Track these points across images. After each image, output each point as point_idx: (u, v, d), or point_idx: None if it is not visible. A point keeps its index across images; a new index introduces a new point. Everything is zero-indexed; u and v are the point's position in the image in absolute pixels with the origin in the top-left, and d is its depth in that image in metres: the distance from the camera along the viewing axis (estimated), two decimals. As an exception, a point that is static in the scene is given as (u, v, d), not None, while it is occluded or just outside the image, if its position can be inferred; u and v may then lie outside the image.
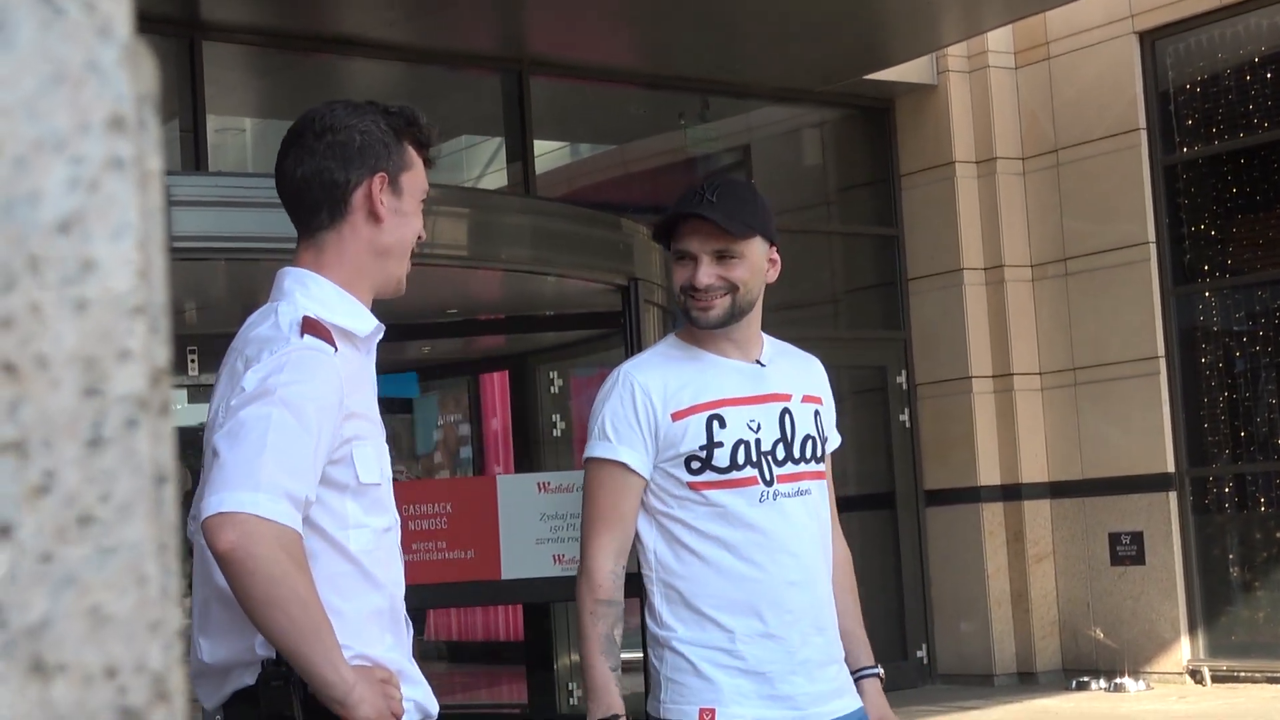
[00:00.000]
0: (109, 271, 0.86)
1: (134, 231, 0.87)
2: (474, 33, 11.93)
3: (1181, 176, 13.21)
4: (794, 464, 4.02)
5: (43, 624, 0.84)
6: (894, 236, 14.28)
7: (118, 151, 0.88)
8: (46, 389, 0.85)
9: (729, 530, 3.94)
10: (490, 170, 13.65)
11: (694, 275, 3.91)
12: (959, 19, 12.41)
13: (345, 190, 3.30)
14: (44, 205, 0.86)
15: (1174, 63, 13.22)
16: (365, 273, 3.33)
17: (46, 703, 0.84)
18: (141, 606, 0.86)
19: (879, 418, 14.29)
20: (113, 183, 0.87)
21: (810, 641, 3.99)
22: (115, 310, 0.86)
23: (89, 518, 0.86)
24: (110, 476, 0.86)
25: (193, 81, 11.11)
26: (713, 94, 13.81)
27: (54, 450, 0.85)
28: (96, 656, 0.85)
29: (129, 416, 0.87)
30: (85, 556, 0.85)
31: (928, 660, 13.89)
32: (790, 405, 4.07)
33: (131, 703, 0.86)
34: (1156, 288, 13.04)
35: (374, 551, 3.25)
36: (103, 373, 0.86)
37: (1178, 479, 12.93)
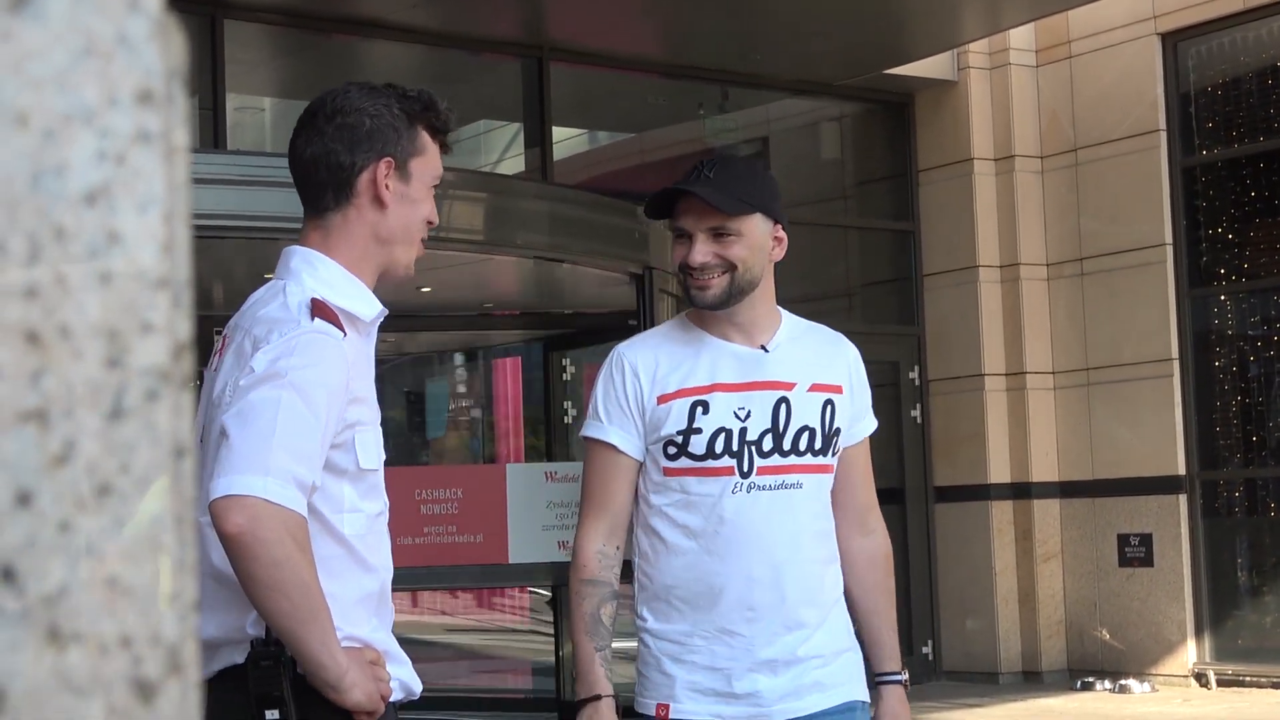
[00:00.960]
0: (134, 244, 0.87)
1: (160, 205, 0.88)
2: (495, 18, 11.92)
3: (1200, 179, 13.19)
4: (782, 456, 3.88)
5: (60, 593, 0.85)
6: (910, 232, 14.27)
7: (146, 125, 0.88)
8: (69, 359, 0.85)
9: (697, 520, 3.85)
10: (508, 155, 13.66)
11: (689, 253, 3.85)
12: (981, 16, 12.39)
13: (350, 173, 3.30)
14: (71, 177, 0.87)
15: (1195, 65, 13.20)
16: (370, 256, 3.33)
17: (61, 671, 0.84)
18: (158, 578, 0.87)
19: (890, 413, 14.27)
20: (140, 156, 0.88)
21: (777, 641, 3.86)
22: (139, 283, 0.87)
23: (108, 488, 0.86)
24: (130, 448, 0.87)
25: (213, 60, 11.12)
26: (732, 85, 13.80)
27: (75, 420, 0.86)
28: (112, 626, 0.86)
29: (150, 389, 0.87)
30: (103, 527, 0.86)
31: (933, 657, 13.89)
32: (790, 395, 3.92)
33: (145, 673, 0.86)
34: (1172, 290, 13.03)
35: (366, 536, 3.26)
36: (125, 345, 0.87)
37: (1188, 482, 12.92)
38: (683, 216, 3.87)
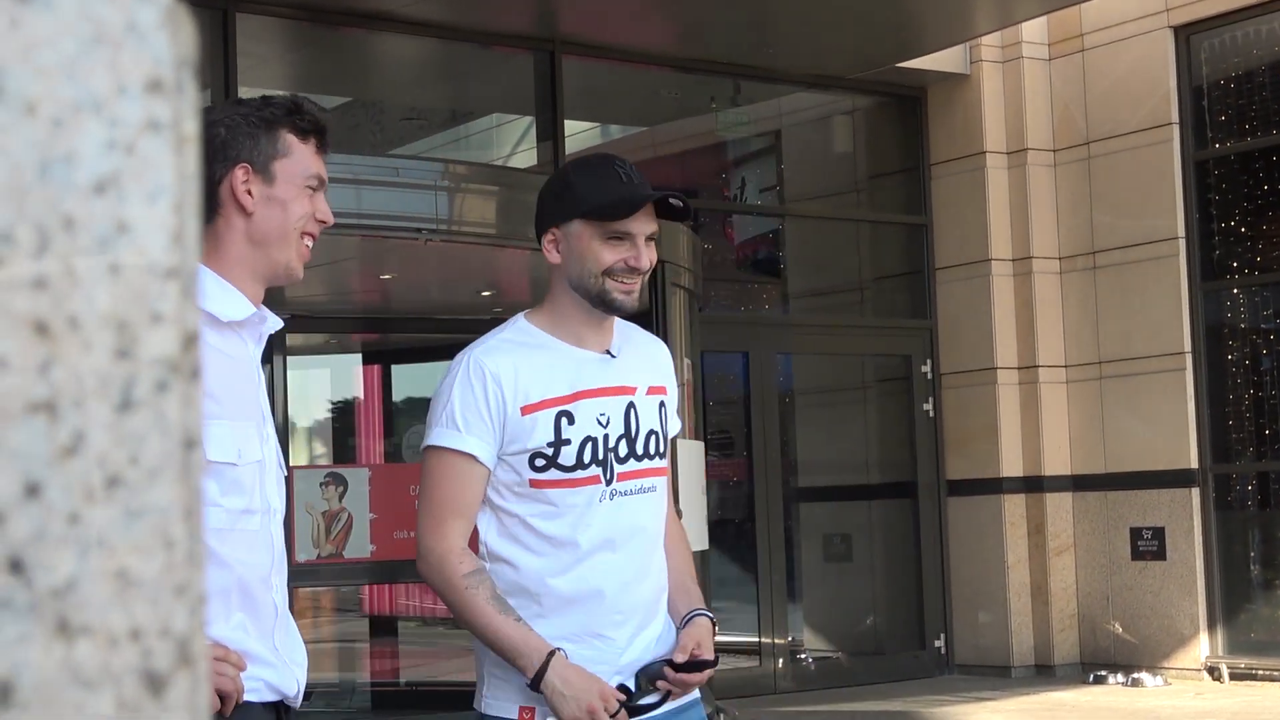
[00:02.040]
0: (143, 234, 0.86)
1: (170, 195, 0.87)
2: (507, 11, 11.92)
3: (1213, 172, 13.17)
4: (636, 460, 3.91)
5: (69, 585, 0.84)
6: (923, 225, 14.25)
7: (155, 114, 0.88)
8: (78, 350, 0.85)
9: (566, 529, 3.83)
10: (520, 149, 13.65)
11: (636, 256, 3.83)
12: (993, 9, 12.38)
13: (213, 185, 3.34)
14: (80, 167, 0.86)
15: (1208, 58, 13.17)
16: (245, 261, 3.37)
17: (71, 664, 0.84)
18: (168, 570, 0.86)
19: (903, 407, 14.28)
20: (149, 145, 0.87)
21: (635, 642, 3.90)
22: (149, 273, 0.86)
23: (117, 480, 0.86)
24: (139, 439, 0.86)
25: (225, 54, 11.12)
26: (744, 78, 13.79)
27: (84, 411, 0.85)
28: (122, 619, 0.85)
29: (160, 380, 0.87)
30: (113, 518, 0.85)
31: (945, 650, 13.89)
32: (635, 399, 3.94)
33: (156, 666, 0.86)
34: (1185, 283, 13.01)
35: (226, 531, 3.25)
36: (134, 335, 0.86)
37: (1201, 475, 12.90)
38: (635, 219, 3.84)
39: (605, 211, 3.83)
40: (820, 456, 14.61)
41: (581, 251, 3.84)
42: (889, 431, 14.48)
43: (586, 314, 3.89)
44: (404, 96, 13.90)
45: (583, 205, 3.84)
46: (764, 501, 13.41)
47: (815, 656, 14.01)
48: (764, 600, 13.27)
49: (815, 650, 14.13)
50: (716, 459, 13.99)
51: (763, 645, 13.26)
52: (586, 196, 3.84)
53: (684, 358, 11.03)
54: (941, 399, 14.09)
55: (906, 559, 14.08)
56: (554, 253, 3.88)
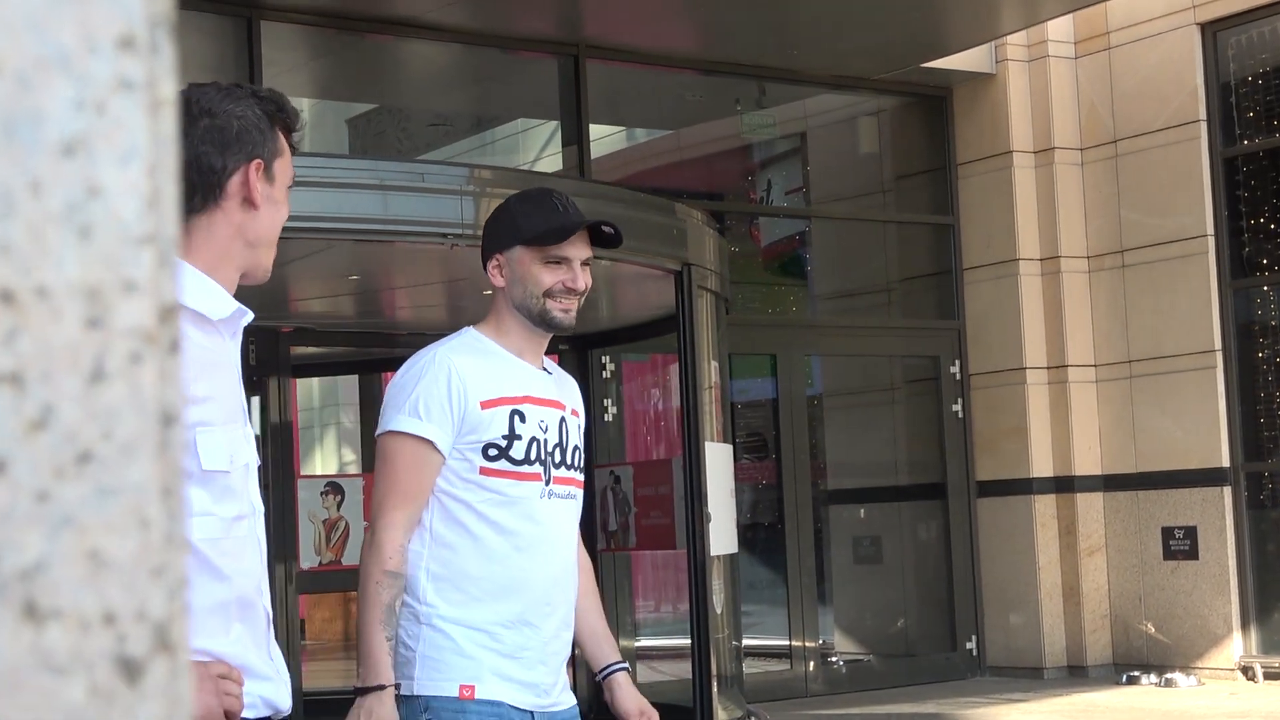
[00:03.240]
0: (115, 198, 0.82)
1: (143, 157, 0.83)
2: (530, 16, 11.89)
3: (1241, 169, 13.09)
4: (567, 469, 4.24)
5: (37, 566, 0.80)
6: (950, 226, 14.20)
7: (127, 73, 0.83)
8: (46, 319, 0.81)
9: (510, 519, 4.11)
10: (546, 154, 13.63)
11: (574, 279, 4.18)
12: (1018, 7, 12.32)
13: (221, 176, 3.23)
14: (47, 126, 0.82)
15: (1235, 54, 13.10)
16: (231, 258, 3.26)
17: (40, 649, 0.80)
18: (144, 551, 0.82)
19: (931, 408, 14.22)
20: (121, 105, 0.83)
21: (560, 636, 4.20)
22: (121, 238, 0.82)
23: (89, 455, 0.82)
24: (112, 414, 0.82)
25: (250, 61, 11.12)
26: (769, 80, 13.74)
27: (53, 383, 0.81)
28: (94, 602, 0.81)
29: (134, 351, 0.82)
30: (84, 496, 0.81)
31: (977, 652, 13.82)
32: (565, 414, 4.28)
33: (131, 652, 0.82)
34: (1214, 281, 12.93)
35: (220, 541, 3.18)
36: (106, 304, 0.82)
37: (1232, 474, 12.83)
38: (568, 246, 4.19)
39: (542, 238, 4.16)
40: (849, 458, 14.56)
41: (523, 275, 4.18)
42: (918, 433, 14.42)
43: (528, 333, 4.22)
44: (429, 102, 13.88)
45: (524, 233, 4.19)
46: (793, 504, 13.36)
47: (846, 659, 13.96)
48: (794, 603, 13.22)
49: (846, 653, 14.08)
50: (746, 462, 13.95)
51: (793, 648, 13.22)
52: (527, 225, 4.19)
53: (711, 360, 10.99)
54: (970, 399, 14.02)
55: (937, 560, 14.02)
56: (498, 276, 4.21)
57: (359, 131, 13.70)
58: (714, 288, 11.08)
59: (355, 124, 13.77)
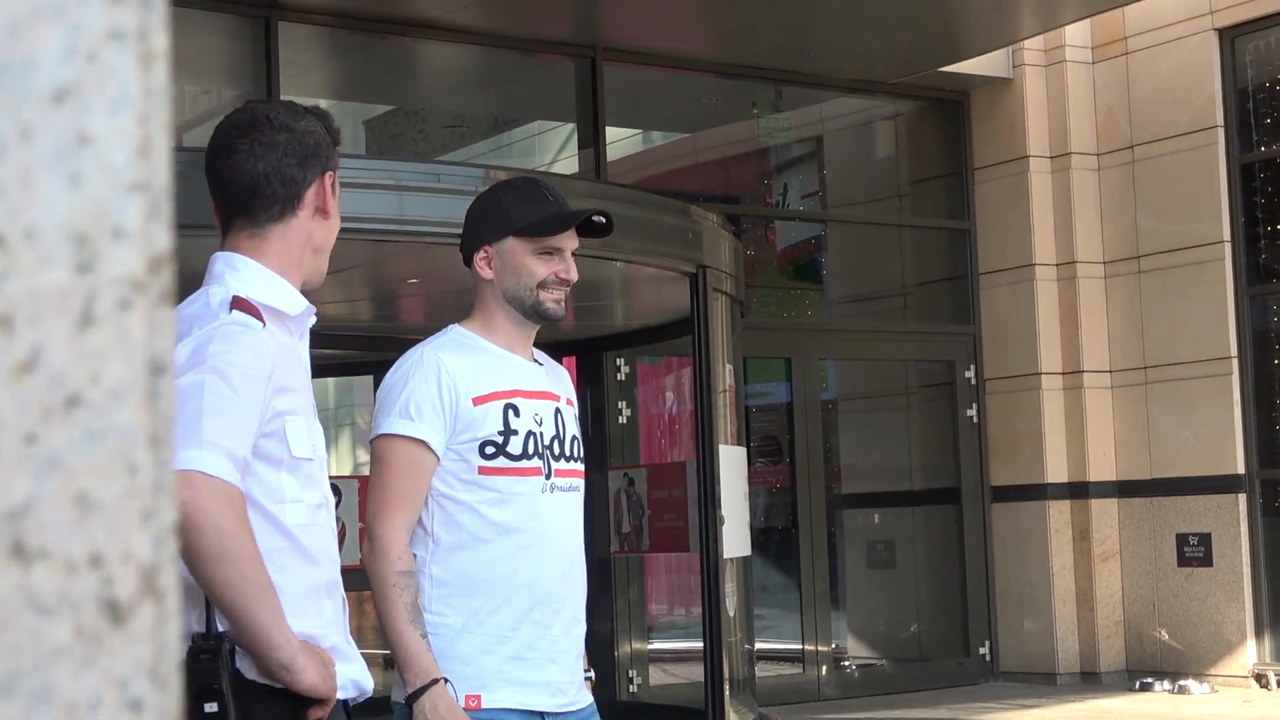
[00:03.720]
0: (105, 145, 0.83)
1: (134, 106, 0.84)
2: (547, 18, 11.90)
3: (1259, 175, 13.08)
4: (567, 461, 4.17)
5: (25, 507, 0.81)
6: (966, 230, 14.19)
7: (118, 22, 0.84)
8: (35, 263, 0.81)
9: (512, 517, 4.04)
10: (562, 156, 13.63)
11: (567, 269, 4.14)
12: (1036, 12, 12.32)
13: (301, 187, 3.38)
14: (38, 73, 0.83)
15: (1253, 60, 13.08)
16: (300, 265, 3.42)
17: (26, 589, 0.80)
18: (130, 495, 0.83)
19: (946, 412, 14.21)
20: (112, 54, 0.84)
21: (570, 633, 4.13)
22: (111, 185, 0.83)
23: (77, 399, 0.82)
24: (100, 358, 0.83)
25: (268, 61, 11.14)
26: (786, 84, 13.75)
27: (41, 326, 0.82)
28: (81, 544, 0.82)
29: (122, 297, 0.83)
30: (72, 440, 0.82)
31: (990, 657, 13.81)
32: (560, 405, 4.22)
33: (117, 594, 0.82)
34: (1230, 287, 12.91)
35: (309, 526, 3.30)
36: (95, 250, 0.83)
37: (1247, 481, 12.80)
38: (561, 236, 4.15)
39: (540, 228, 4.12)
40: (863, 463, 14.55)
41: (516, 266, 4.12)
42: (932, 437, 14.41)
43: (517, 325, 4.17)
44: (446, 104, 13.90)
45: (518, 223, 4.13)
46: (807, 508, 13.35)
47: (859, 663, 13.95)
48: (807, 607, 13.22)
49: (859, 657, 14.07)
50: (759, 465, 13.95)
51: (806, 652, 13.21)
52: (520, 216, 4.14)
53: (726, 363, 10.99)
54: (985, 404, 14.01)
55: (950, 565, 14.01)
56: (486, 269, 4.14)
57: (375, 132, 13.71)
58: (729, 291, 11.08)
59: (372, 125, 13.78)
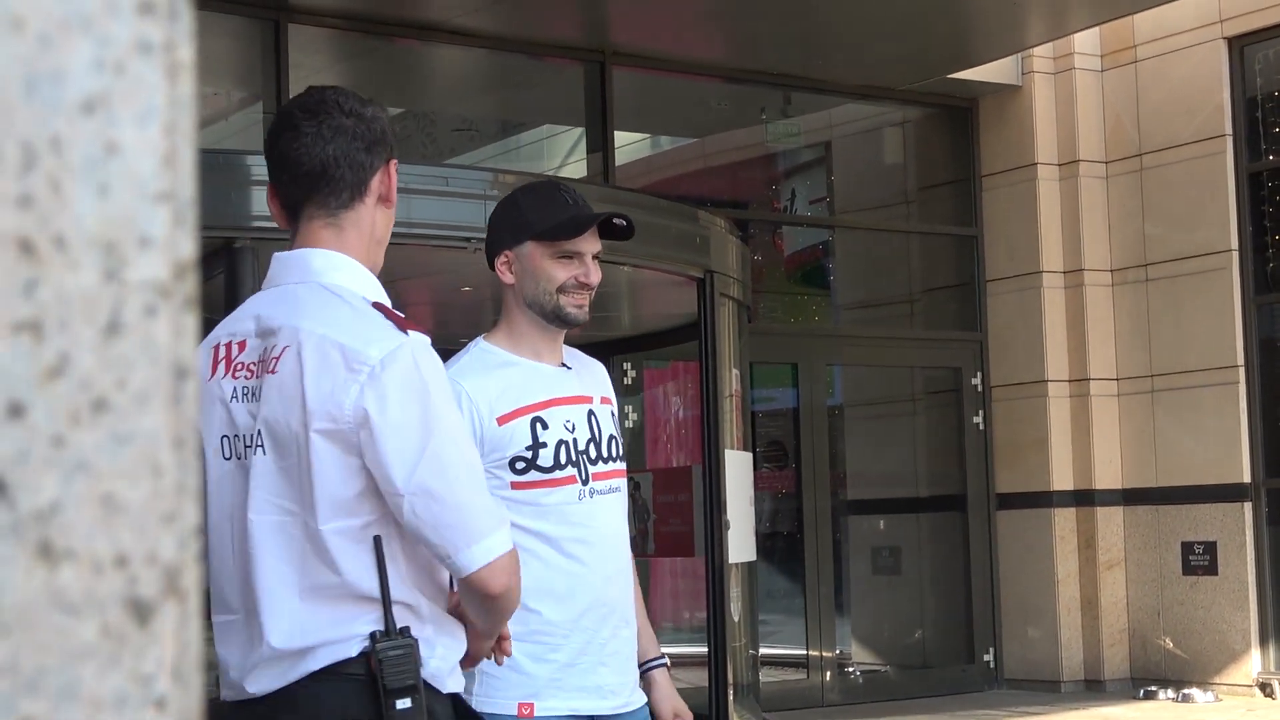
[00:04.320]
0: (133, 156, 0.85)
1: (160, 117, 0.86)
2: (557, 22, 11.93)
3: (1266, 184, 13.09)
4: (604, 463, 4.16)
5: (52, 508, 0.83)
6: (973, 237, 14.20)
7: (146, 35, 0.86)
8: (64, 270, 0.83)
9: (552, 526, 4.05)
10: (571, 160, 13.66)
11: (587, 273, 4.11)
12: (1045, 20, 12.33)
13: (368, 173, 3.32)
14: (68, 84, 0.85)
15: (1262, 69, 13.10)
16: (368, 256, 3.35)
17: (54, 588, 0.82)
18: (155, 497, 0.85)
19: (952, 419, 14.22)
20: (140, 66, 0.86)
21: (619, 635, 4.14)
22: (138, 195, 0.85)
23: (104, 403, 0.84)
24: (127, 363, 0.85)
25: (277, 63, 11.16)
26: (795, 89, 13.77)
27: (70, 332, 0.83)
28: (107, 545, 0.84)
29: (148, 304, 0.85)
30: (99, 442, 0.84)
31: (994, 664, 13.82)
32: (593, 407, 4.21)
33: (142, 594, 0.84)
34: (1238, 296, 12.92)
35: None
36: (122, 257, 0.85)
37: (1253, 489, 12.81)
38: (583, 239, 4.13)
39: (556, 232, 4.09)
40: (869, 469, 14.57)
41: (535, 270, 4.10)
42: (938, 444, 14.42)
43: (541, 330, 4.15)
44: (455, 107, 13.92)
45: (535, 227, 4.11)
46: (813, 514, 13.37)
47: (863, 670, 13.96)
48: (812, 613, 13.23)
49: (863, 663, 14.08)
50: (765, 471, 13.96)
51: (810, 658, 13.22)
52: (537, 220, 4.11)
53: (732, 368, 11.01)
54: (992, 411, 14.03)
55: (955, 572, 14.02)
56: (507, 273, 4.13)
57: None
58: (736, 296, 11.10)
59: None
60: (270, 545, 3.12)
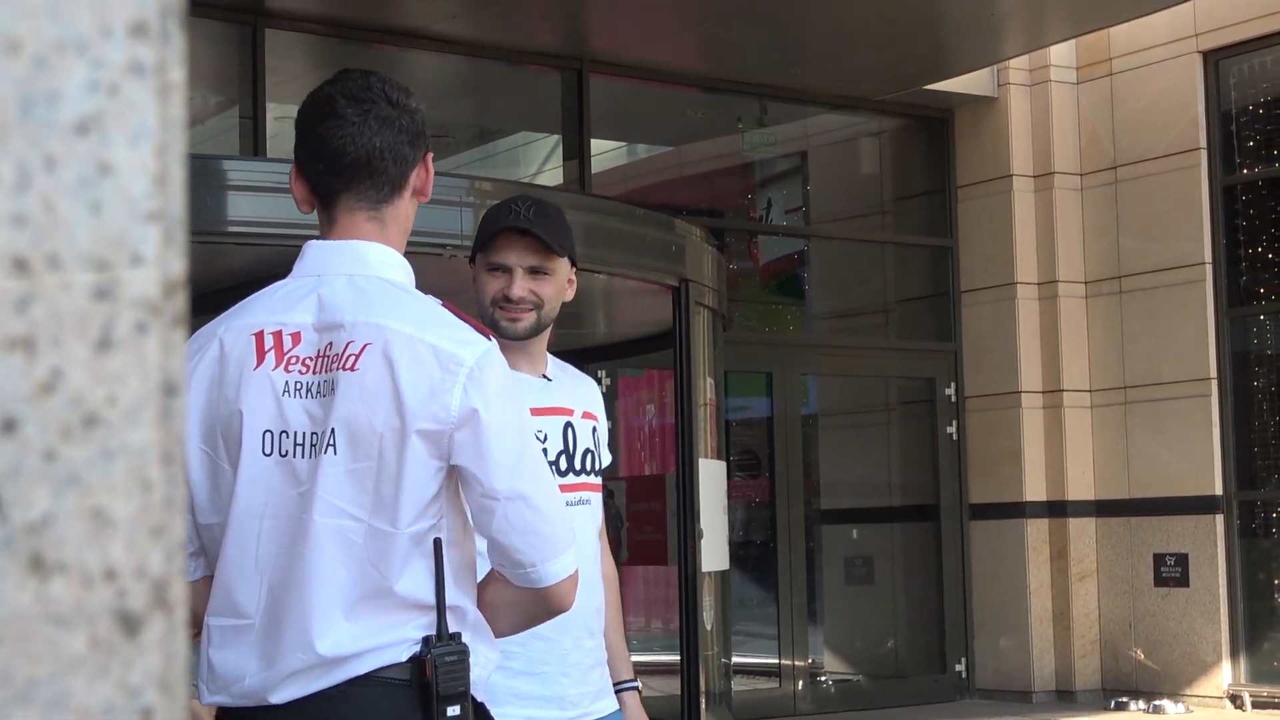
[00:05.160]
0: (125, 176, 0.86)
1: (152, 138, 0.87)
2: (534, 29, 11.94)
3: (1240, 197, 13.14)
4: (575, 475, 4.18)
5: (44, 522, 0.84)
6: (948, 248, 14.24)
7: (139, 57, 0.88)
8: (57, 288, 0.85)
9: None
10: (547, 167, 13.67)
11: (509, 287, 4.07)
12: (1021, 32, 12.37)
13: (409, 167, 3.21)
14: (62, 106, 0.86)
15: (1237, 83, 13.15)
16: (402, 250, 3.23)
17: (45, 600, 0.84)
18: (144, 512, 0.86)
19: (926, 429, 14.25)
20: (132, 88, 0.87)
21: (581, 645, 4.14)
22: (130, 214, 0.86)
23: (95, 419, 0.86)
24: (118, 379, 0.86)
25: (254, 69, 11.16)
26: (771, 99, 13.79)
27: (62, 349, 0.85)
28: (97, 558, 0.85)
29: (139, 321, 0.87)
30: (89, 457, 0.85)
31: (966, 674, 13.85)
32: (572, 420, 4.22)
33: (130, 606, 0.86)
34: (1211, 309, 12.97)
35: None
36: (115, 276, 0.86)
37: (1225, 502, 12.86)
38: (505, 251, 4.09)
39: (480, 244, 4.13)
40: (843, 478, 14.59)
41: (478, 284, 4.14)
42: (912, 454, 14.45)
43: (510, 343, 4.09)
44: (432, 113, 13.77)
45: (476, 241, 4.17)
46: (786, 523, 13.39)
47: (835, 679, 13.98)
48: (784, 622, 13.25)
49: (835, 673, 14.10)
50: (739, 479, 13.98)
51: (783, 667, 13.24)
52: (479, 233, 4.16)
53: (707, 377, 11.03)
54: (965, 422, 14.06)
55: (928, 582, 14.05)
56: (473, 286, 4.18)
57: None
58: (711, 304, 11.11)
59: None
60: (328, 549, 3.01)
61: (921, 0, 11.42)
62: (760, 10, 11.40)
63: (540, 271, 4.08)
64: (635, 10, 11.55)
